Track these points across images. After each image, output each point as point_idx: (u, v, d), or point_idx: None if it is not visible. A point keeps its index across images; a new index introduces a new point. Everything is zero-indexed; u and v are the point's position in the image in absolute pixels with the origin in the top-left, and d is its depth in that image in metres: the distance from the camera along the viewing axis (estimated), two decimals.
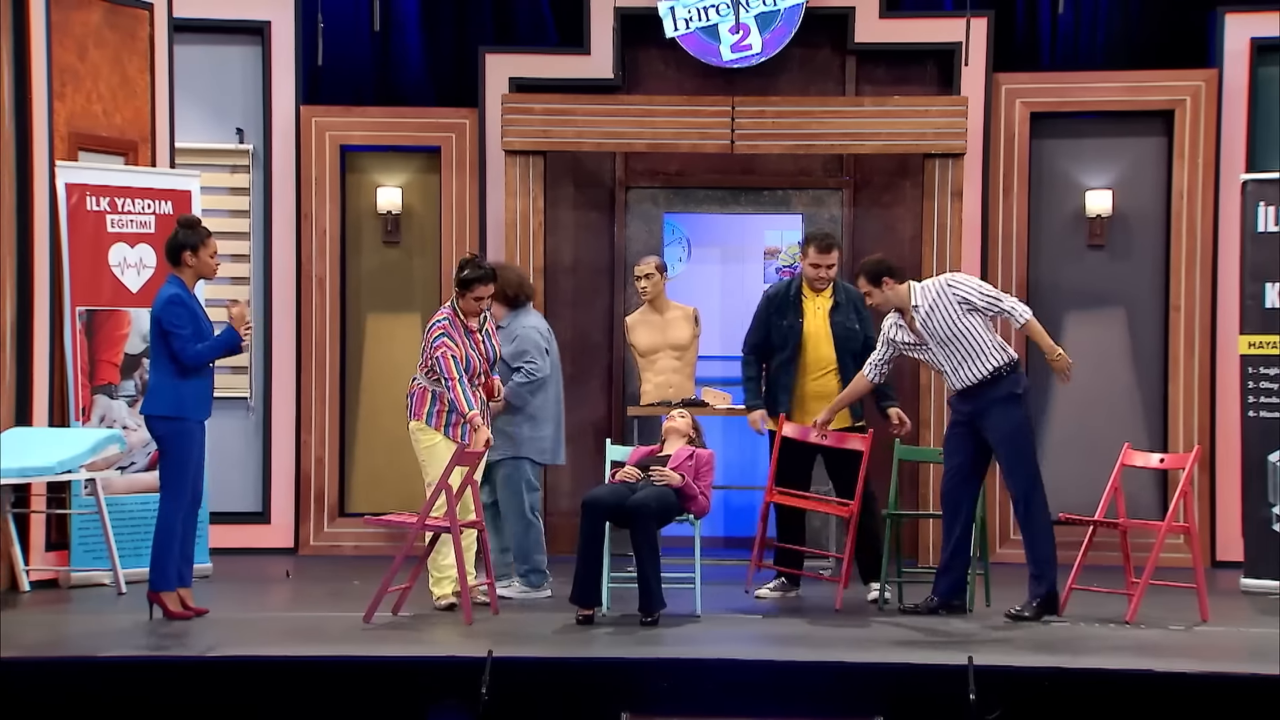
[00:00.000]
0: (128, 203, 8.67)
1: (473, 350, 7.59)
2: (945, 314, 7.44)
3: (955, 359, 7.46)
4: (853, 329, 8.04)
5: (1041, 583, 7.39)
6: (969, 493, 7.55)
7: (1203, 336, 9.64)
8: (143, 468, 8.62)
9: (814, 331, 8.06)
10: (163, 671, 6.08)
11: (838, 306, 8.06)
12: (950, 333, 7.43)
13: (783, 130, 9.56)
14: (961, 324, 7.42)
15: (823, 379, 8.06)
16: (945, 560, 7.60)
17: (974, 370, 7.44)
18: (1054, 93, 9.84)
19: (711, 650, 6.54)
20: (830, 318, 8.05)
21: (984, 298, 7.47)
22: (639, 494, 7.34)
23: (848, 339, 8.02)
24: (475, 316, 7.65)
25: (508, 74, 9.87)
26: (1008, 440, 7.43)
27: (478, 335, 7.65)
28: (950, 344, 7.45)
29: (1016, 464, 7.44)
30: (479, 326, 7.67)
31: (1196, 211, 9.64)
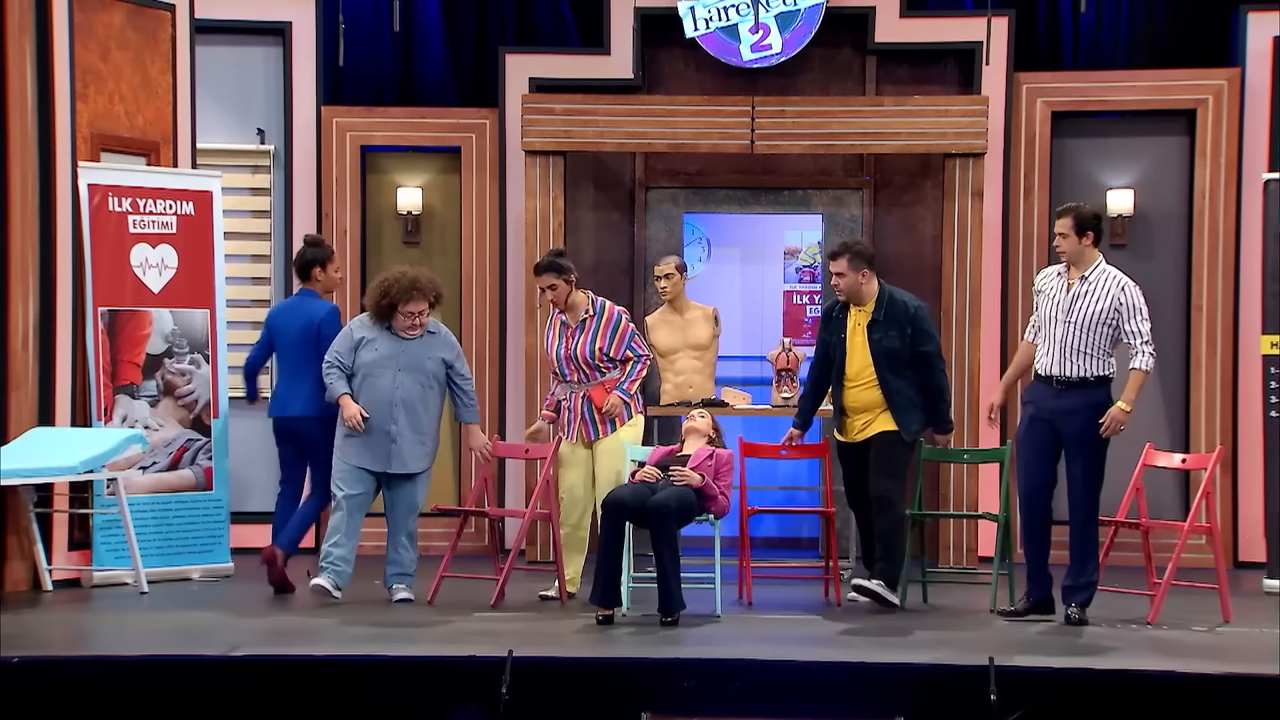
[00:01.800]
0: (149, 203, 8.69)
1: (559, 343, 7.91)
2: (1101, 300, 7.30)
3: (1076, 344, 7.30)
4: (892, 347, 7.68)
5: (1087, 591, 7.31)
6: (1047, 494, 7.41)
7: (1225, 336, 9.61)
8: (164, 467, 8.65)
9: (853, 345, 7.79)
10: (185, 670, 6.09)
11: (875, 324, 7.72)
12: (1092, 318, 7.30)
13: (803, 130, 9.55)
14: (1106, 318, 7.29)
15: (858, 390, 7.76)
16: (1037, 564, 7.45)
17: (1086, 366, 7.30)
18: (1075, 92, 9.81)
19: (732, 650, 6.53)
20: (868, 334, 7.73)
21: (1136, 320, 7.28)
22: (659, 494, 7.34)
23: (890, 355, 7.68)
24: (566, 310, 7.93)
25: (528, 74, 9.88)
26: (1090, 448, 7.29)
27: (572, 329, 7.89)
28: (1083, 328, 7.31)
29: (1091, 473, 7.31)
30: (573, 320, 7.91)
31: (1219, 211, 9.61)
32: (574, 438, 7.95)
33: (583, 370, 7.89)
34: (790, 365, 9.11)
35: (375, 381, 7.75)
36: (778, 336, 9.85)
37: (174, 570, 8.54)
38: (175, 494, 8.67)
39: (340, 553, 7.73)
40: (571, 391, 7.94)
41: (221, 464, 8.81)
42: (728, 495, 7.58)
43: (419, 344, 7.82)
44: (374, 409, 7.74)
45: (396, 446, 7.76)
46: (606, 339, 7.87)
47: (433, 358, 7.84)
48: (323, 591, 7.64)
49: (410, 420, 7.78)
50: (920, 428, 7.75)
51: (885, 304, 7.75)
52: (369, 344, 7.79)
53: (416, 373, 7.80)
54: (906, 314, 7.71)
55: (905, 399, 7.69)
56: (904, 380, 7.70)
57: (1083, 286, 7.34)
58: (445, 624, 7.23)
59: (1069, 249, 7.38)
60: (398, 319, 7.77)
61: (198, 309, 8.81)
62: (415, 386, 7.80)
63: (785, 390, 9.06)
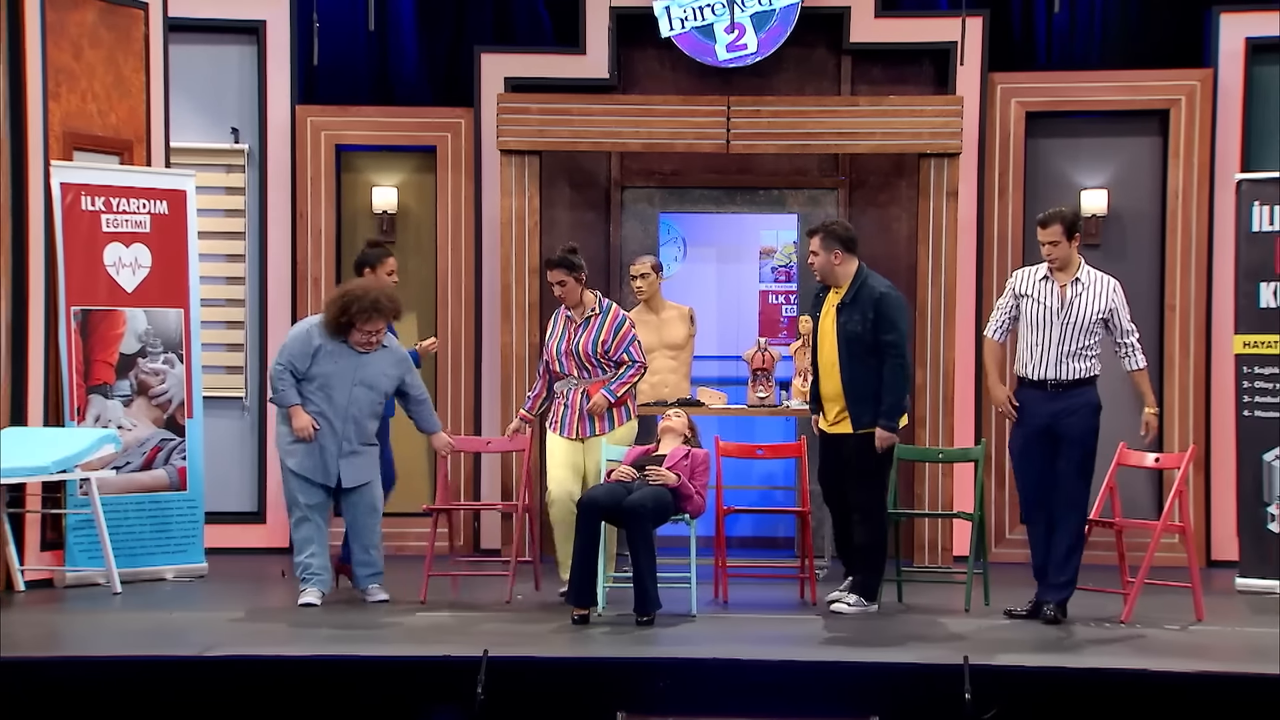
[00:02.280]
0: (123, 202, 8.66)
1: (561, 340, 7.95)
2: (1097, 301, 7.35)
3: (1072, 346, 7.34)
4: (855, 331, 7.54)
5: (1065, 590, 7.34)
6: (1050, 498, 7.41)
7: (1198, 336, 9.65)
8: (137, 467, 8.62)
9: (824, 329, 7.72)
10: (159, 671, 6.08)
11: (843, 307, 7.60)
12: (1090, 319, 7.34)
13: (778, 130, 9.56)
14: (1098, 320, 7.34)
15: (827, 379, 7.67)
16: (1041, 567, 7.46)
17: (1081, 367, 7.35)
18: (1049, 92, 9.85)
19: (707, 650, 6.53)
20: (836, 317, 7.63)
21: (1126, 319, 7.39)
22: (635, 494, 7.35)
23: (850, 341, 7.54)
24: (573, 307, 7.96)
25: (503, 74, 9.87)
26: (1083, 447, 7.34)
27: (576, 324, 7.93)
28: (1082, 330, 7.34)
29: (1083, 471, 7.35)
30: (579, 317, 7.93)
31: (1191, 211, 9.65)
32: (570, 433, 7.95)
33: (584, 365, 7.90)
34: (766, 365, 9.11)
35: (331, 394, 7.70)
36: (753, 336, 9.87)
37: (147, 570, 8.51)
38: (149, 494, 8.64)
39: (319, 562, 7.70)
40: (570, 387, 7.95)
41: (195, 464, 8.78)
42: (703, 495, 7.59)
43: (375, 359, 7.80)
44: (327, 422, 7.69)
45: (347, 461, 7.72)
46: (610, 337, 7.89)
47: (388, 374, 7.83)
48: (313, 606, 7.59)
49: (360, 434, 7.76)
50: (870, 421, 7.54)
51: (857, 288, 7.63)
52: (328, 354, 7.72)
53: (372, 389, 7.78)
54: (871, 298, 7.56)
55: (861, 388, 7.52)
56: (864, 368, 7.53)
57: (1076, 289, 7.38)
58: (421, 623, 7.23)
59: (1061, 254, 7.41)
60: (354, 335, 7.72)
61: (172, 308, 8.78)
62: (368, 402, 7.77)
63: (761, 390, 9.07)
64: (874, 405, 7.52)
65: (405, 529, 9.50)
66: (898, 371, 7.54)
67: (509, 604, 7.81)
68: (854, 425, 7.57)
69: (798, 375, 9.03)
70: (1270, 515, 8.49)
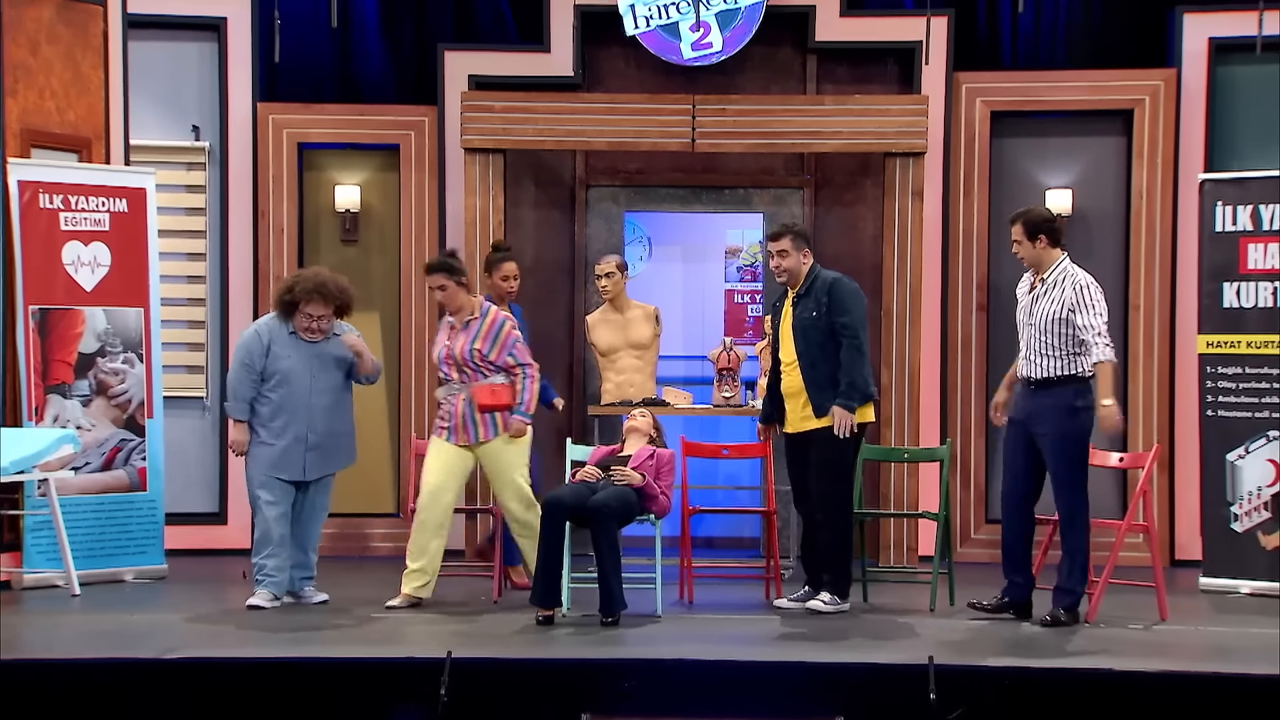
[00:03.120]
0: (82, 200, 8.61)
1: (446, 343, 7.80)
2: (1056, 302, 7.35)
3: (1039, 345, 7.36)
4: (810, 316, 7.60)
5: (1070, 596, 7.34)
6: (1024, 494, 7.45)
7: (1161, 336, 9.71)
8: (97, 468, 8.57)
9: (783, 328, 7.75)
10: (119, 673, 6.04)
11: (799, 299, 7.67)
12: (1049, 318, 7.35)
13: (744, 129, 9.57)
14: (1063, 315, 7.33)
15: (787, 376, 7.73)
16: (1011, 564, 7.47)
17: (1051, 366, 7.35)
18: (1014, 92, 9.89)
19: (672, 651, 6.54)
20: (793, 310, 7.69)
21: (1087, 315, 7.31)
22: (600, 494, 7.35)
23: (806, 329, 7.60)
24: (453, 312, 7.83)
25: (467, 71, 9.85)
26: (1059, 450, 7.33)
27: (456, 329, 7.79)
28: (1042, 329, 7.35)
29: (1067, 473, 7.33)
30: (459, 322, 7.79)
31: (1155, 211, 9.71)
32: (456, 438, 7.77)
33: (462, 370, 7.75)
34: (731, 365, 9.13)
35: (288, 389, 7.69)
36: (719, 336, 9.88)
37: (107, 572, 8.47)
38: (108, 495, 8.59)
39: (275, 563, 7.66)
40: (452, 392, 7.80)
41: (155, 464, 8.74)
42: (669, 495, 7.59)
43: (328, 348, 7.77)
44: (289, 418, 7.67)
45: (314, 454, 7.71)
46: (486, 342, 7.74)
47: (344, 359, 7.82)
48: (260, 609, 7.56)
49: (327, 425, 7.75)
50: (830, 407, 7.54)
51: (811, 280, 7.70)
52: (279, 350, 7.70)
53: (330, 377, 7.77)
54: (825, 286, 7.63)
55: (821, 375, 7.55)
56: (823, 355, 7.56)
57: (1041, 288, 7.43)
58: (384, 625, 7.21)
59: (1025, 254, 7.48)
60: (298, 318, 7.70)
61: (131, 307, 8.73)
62: (328, 392, 7.76)
63: (726, 390, 9.09)
64: (834, 392, 7.55)
65: (371, 529, 9.48)
66: (853, 353, 7.56)
67: (497, 603, 7.83)
68: (816, 414, 7.57)
69: (763, 375, 9.04)
70: (1233, 515, 8.55)
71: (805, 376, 7.60)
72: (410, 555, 7.69)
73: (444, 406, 7.84)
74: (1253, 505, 8.52)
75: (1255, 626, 7.24)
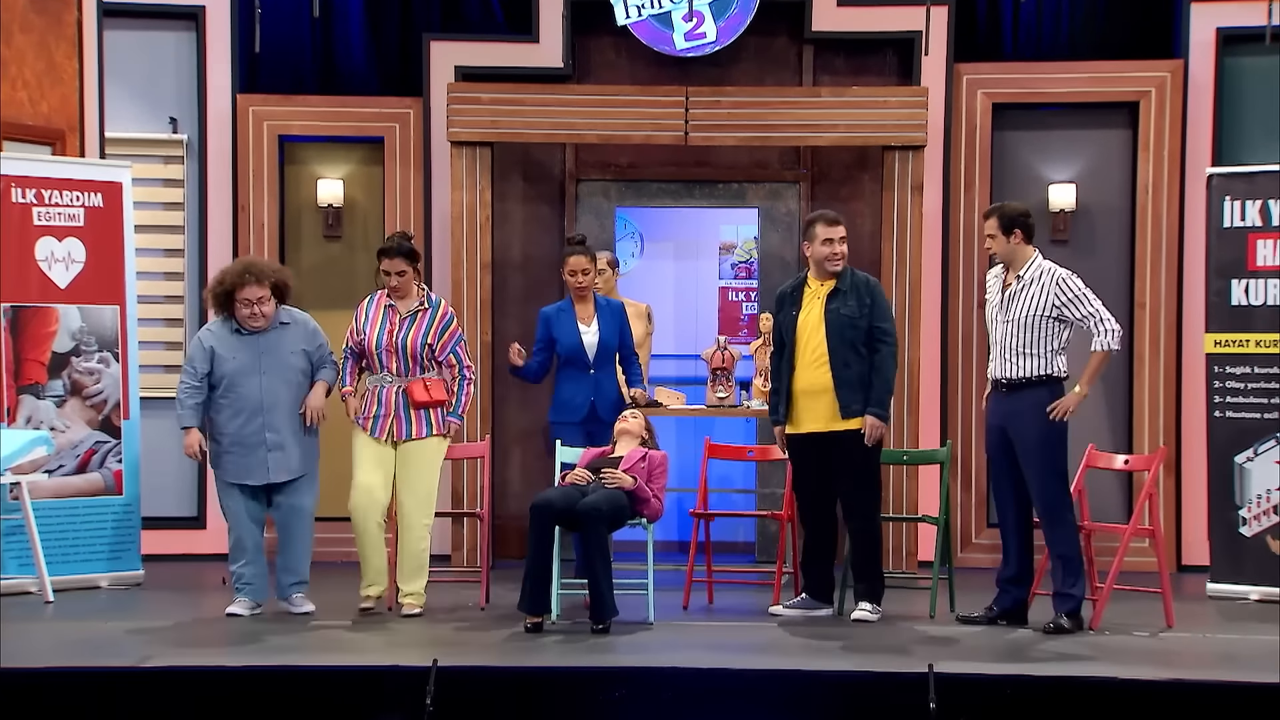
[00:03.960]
0: (55, 195, 8.60)
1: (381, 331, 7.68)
2: (1035, 299, 7.36)
3: (1016, 344, 7.38)
4: (850, 316, 7.56)
5: (1069, 600, 7.36)
6: (1014, 499, 7.46)
7: (1168, 335, 9.73)
8: (71, 471, 8.56)
9: (807, 321, 7.64)
10: (94, 682, 6.03)
11: (837, 293, 7.61)
12: (1029, 315, 7.36)
13: (738, 122, 9.58)
14: (1046, 313, 7.34)
15: (810, 372, 7.61)
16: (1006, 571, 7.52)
17: (1028, 366, 7.36)
18: (1016, 84, 9.91)
19: (665, 659, 6.55)
20: (825, 305, 7.61)
21: (1083, 305, 7.32)
22: (590, 497, 7.35)
23: (843, 327, 7.56)
24: (400, 299, 7.72)
25: (454, 62, 9.86)
26: (1034, 452, 7.34)
27: (402, 318, 7.69)
28: (1021, 327, 7.37)
29: (1045, 476, 7.34)
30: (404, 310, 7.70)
31: (1162, 206, 9.73)
32: (382, 434, 7.68)
33: (406, 362, 7.67)
34: (726, 364, 9.14)
35: (241, 391, 7.58)
36: (713, 334, 9.89)
37: (81, 578, 8.46)
38: (83, 498, 8.59)
39: (251, 571, 7.63)
40: (385, 384, 7.69)
41: (132, 467, 8.73)
42: (661, 498, 7.60)
43: (278, 340, 7.65)
44: (244, 420, 7.58)
45: (276, 455, 7.61)
46: (437, 335, 7.71)
47: (295, 352, 7.69)
48: (240, 616, 7.55)
49: (287, 423, 7.63)
50: (860, 411, 7.55)
51: (848, 275, 7.68)
52: (225, 352, 7.60)
53: (284, 371, 7.64)
54: (867, 285, 7.65)
55: (852, 376, 7.54)
56: (856, 355, 7.56)
57: (1018, 285, 7.44)
58: (368, 632, 7.21)
59: (999, 249, 7.50)
60: (237, 309, 7.59)
61: (107, 305, 8.72)
62: (283, 387, 7.64)
63: (721, 390, 9.09)
64: (864, 395, 7.55)
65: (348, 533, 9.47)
66: (891, 361, 7.64)
67: (483, 609, 7.82)
68: (844, 415, 7.56)
69: (758, 375, 9.05)
70: (1242, 519, 8.57)
71: (837, 375, 7.56)
72: (364, 581, 7.67)
73: (368, 397, 7.70)
74: (1261, 509, 8.54)
75: (1264, 634, 7.26)
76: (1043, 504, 7.38)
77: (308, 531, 7.77)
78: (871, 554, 7.67)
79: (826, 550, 7.79)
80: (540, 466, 9.46)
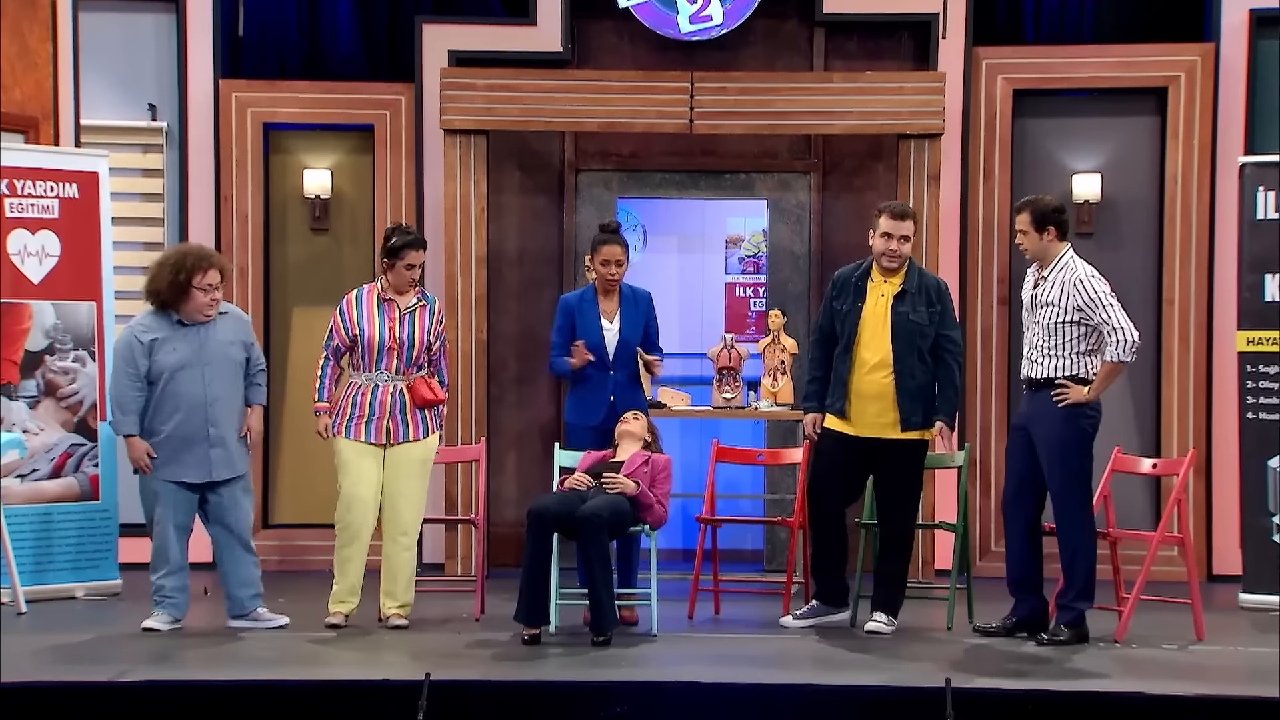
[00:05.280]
0: (28, 185, 8.61)
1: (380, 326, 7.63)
2: (1062, 298, 7.36)
3: (1042, 344, 7.39)
4: (919, 323, 7.55)
5: (1070, 612, 7.36)
6: (1028, 502, 7.48)
7: (1198, 332, 9.73)
8: (45, 475, 8.57)
9: (871, 318, 7.60)
10: (69, 698, 6.04)
11: (905, 295, 7.57)
12: (1052, 316, 7.37)
13: (746, 109, 9.58)
14: (1068, 316, 7.35)
15: (872, 376, 7.57)
16: (1015, 578, 7.53)
17: (1052, 367, 7.37)
18: (1038, 68, 9.91)
19: (669, 672, 6.55)
20: (892, 306, 7.57)
21: (1101, 310, 7.31)
22: (590, 503, 7.35)
23: (912, 334, 7.54)
24: (400, 293, 7.68)
25: (447, 46, 9.86)
26: (1063, 454, 7.35)
27: (402, 314, 7.66)
28: (1045, 329, 7.38)
29: (1067, 481, 7.35)
30: (404, 306, 7.67)
31: (1191, 197, 9.73)
32: (379, 437, 7.62)
33: (408, 360, 7.65)
34: (733, 363, 9.15)
35: (181, 386, 7.49)
36: (719, 332, 9.90)
37: (56, 588, 8.46)
38: (57, 504, 8.59)
39: (174, 582, 7.55)
40: (380, 383, 7.65)
41: (109, 471, 8.74)
42: (665, 504, 7.60)
43: (218, 332, 7.58)
44: (188, 414, 7.49)
45: (219, 451, 7.52)
46: (436, 335, 7.73)
47: (234, 342, 7.61)
48: (155, 632, 7.44)
49: (229, 418, 7.56)
50: (920, 423, 7.56)
51: (917, 275, 7.66)
52: (163, 345, 7.50)
53: (224, 363, 7.57)
54: (936, 288, 7.63)
55: (916, 386, 7.54)
56: (922, 364, 7.56)
57: (1045, 285, 7.45)
58: (358, 645, 7.21)
59: (1030, 246, 7.50)
60: (194, 298, 7.48)
61: (83, 301, 8.74)
62: (225, 382, 7.56)
63: (727, 390, 9.10)
64: (925, 405, 7.57)
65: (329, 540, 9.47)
66: (961, 371, 7.75)
67: (478, 621, 7.83)
68: (903, 426, 7.56)
69: (767, 375, 9.06)
70: (1275, 526, 8.57)
71: (901, 385, 7.56)
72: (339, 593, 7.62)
73: (359, 397, 7.62)
74: None
75: None
76: (1060, 508, 7.39)
77: (248, 532, 7.68)
78: (901, 564, 7.69)
79: (839, 554, 7.79)
80: (538, 471, 9.47)
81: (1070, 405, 7.33)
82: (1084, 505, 7.40)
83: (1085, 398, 7.34)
